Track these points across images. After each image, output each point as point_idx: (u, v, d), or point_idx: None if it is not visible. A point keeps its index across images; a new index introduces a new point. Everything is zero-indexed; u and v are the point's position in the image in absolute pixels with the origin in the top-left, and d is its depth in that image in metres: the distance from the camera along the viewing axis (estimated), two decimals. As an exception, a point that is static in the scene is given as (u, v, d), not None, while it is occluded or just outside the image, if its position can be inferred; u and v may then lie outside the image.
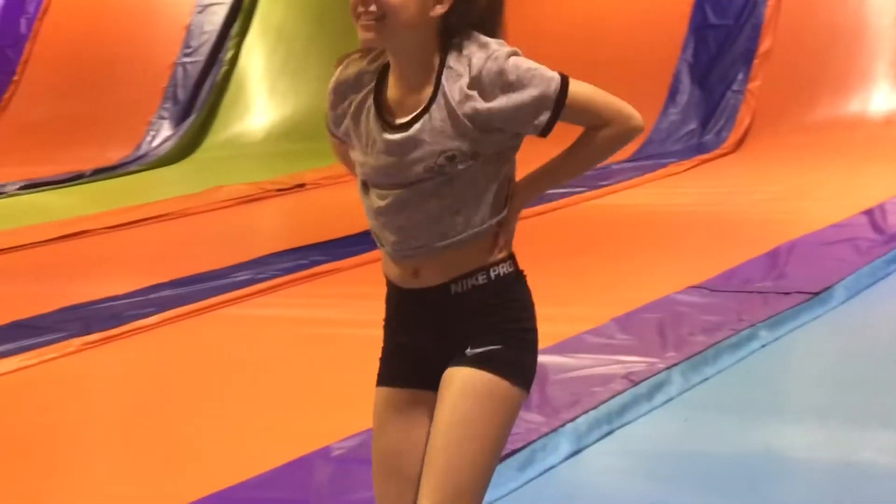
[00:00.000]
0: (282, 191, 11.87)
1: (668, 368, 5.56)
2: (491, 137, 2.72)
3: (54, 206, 11.76)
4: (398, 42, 2.69)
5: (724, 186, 10.58)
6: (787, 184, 10.34)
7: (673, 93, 13.09)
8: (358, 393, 5.54)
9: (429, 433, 2.83)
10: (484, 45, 2.70)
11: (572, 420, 5.01)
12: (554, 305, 6.79)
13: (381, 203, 2.80)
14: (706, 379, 5.63)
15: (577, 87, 2.74)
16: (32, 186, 13.05)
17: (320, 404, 5.58)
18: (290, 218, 10.98)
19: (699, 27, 13.28)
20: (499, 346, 2.82)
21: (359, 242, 8.91)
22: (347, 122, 2.87)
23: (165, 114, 15.01)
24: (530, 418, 5.02)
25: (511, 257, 2.91)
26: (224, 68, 15.24)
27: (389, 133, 2.74)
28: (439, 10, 2.66)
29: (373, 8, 2.62)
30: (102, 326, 6.98)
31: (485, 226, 2.82)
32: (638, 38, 13.38)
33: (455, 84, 2.69)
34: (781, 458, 4.76)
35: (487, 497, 4.38)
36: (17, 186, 13.04)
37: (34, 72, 15.99)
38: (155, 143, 14.69)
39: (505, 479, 4.55)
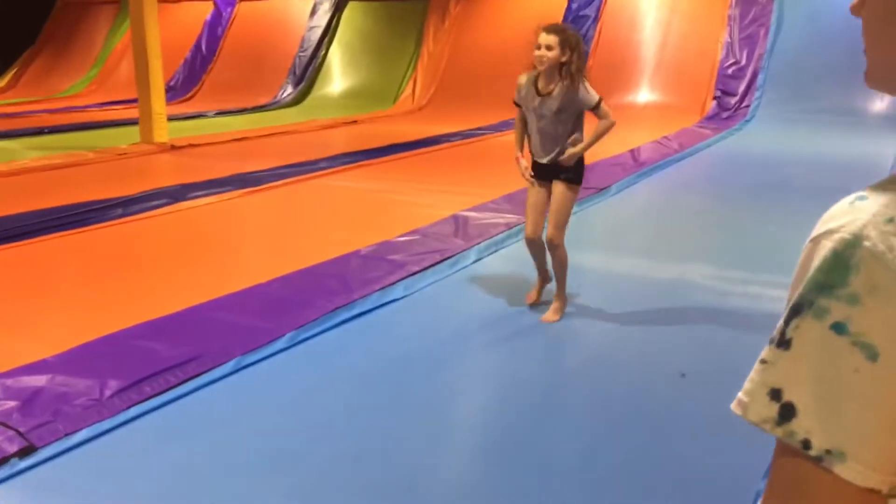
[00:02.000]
0: (346, 123, 11.71)
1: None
2: (575, 108, 3.69)
3: (232, 123, 11.58)
4: (549, 69, 3.66)
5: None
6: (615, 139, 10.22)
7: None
8: (377, 223, 5.63)
9: (545, 198, 3.83)
10: (584, 84, 3.67)
11: (478, 244, 5.03)
12: (473, 187, 6.80)
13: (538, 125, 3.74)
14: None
15: (602, 102, 3.70)
16: (221, 114, 12.84)
17: (357, 227, 5.52)
18: (350, 137, 10.84)
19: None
20: (571, 175, 3.77)
21: (382, 152, 8.88)
22: (522, 97, 3.75)
23: (289, 81, 14.74)
24: (457, 242, 5.03)
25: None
26: (320, 60, 14.96)
27: (541, 98, 3.70)
28: (562, 59, 3.64)
29: (544, 60, 3.62)
30: (253, 185, 6.92)
31: (569, 141, 3.76)
32: (527, 59, 13.12)
33: (568, 92, 3.65)
34: (586, 268, 4.78)
35: (429, 280, 4.38)
36: (213, 113, 12.84)
37: (225, 55, 15.61)
38: (284, 96, 14.46)
39: (441, 271, 4.57)
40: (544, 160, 3.77)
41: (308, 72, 14.78)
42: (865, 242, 0.65)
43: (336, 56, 15.07)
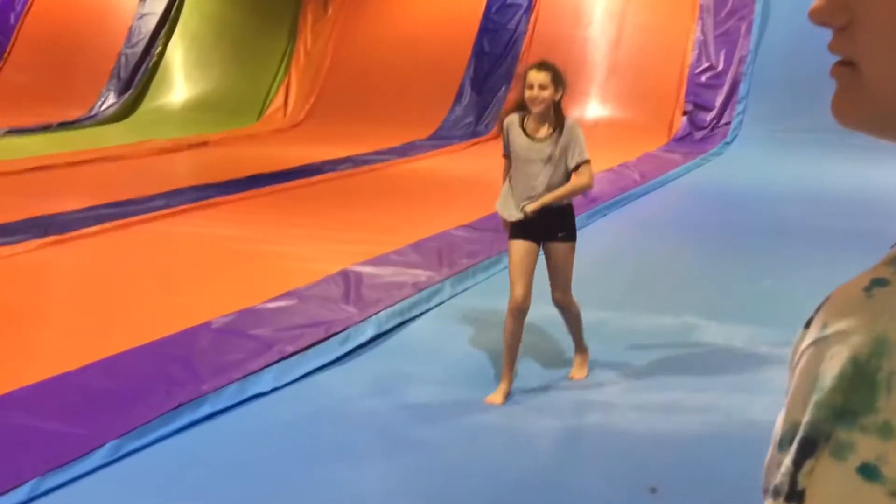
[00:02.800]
0: (193, 145, 11.60)
1: (442, 281, 5.59)
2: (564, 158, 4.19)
3: (28, 146, 11.30)
4: (545, 109, 4.16)
5: (488, 160, 10.56)
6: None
7: (459, 96, 13.17)
8: (231, 285, 5.55)
9: (534, 258, 4.18)
10: (572, 125, 4.26)
11: (376, 313, 5.01)
12: (369, 233, 6.82)
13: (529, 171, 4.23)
14: (467, 289, 5.67)
15: (588, 164, 4.23)
16: (13, 132, 12.53)
17: (209, 290, 5.44)
18: (195, 164, 10.72)
19: (479, 53, 13.37)
20: (567, 233, 4.24)
21: (242, 184, 8.82)
22: (511, 143, 4.29)
23: (111, 87, 14.56)
24: (348, 310, 5.01)
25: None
26: (154, 59, 14.84)
27: (530, 141, 4.21)
28: (556, 97, 4.19)
29: (541, 100, 4.12)
30: (59, 231, 6.75)
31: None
32: (438, 57, 13.39)
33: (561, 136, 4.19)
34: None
35: (310, 365, 4.34)
36: (3, 132, 12.53)
37: (20, 53, 15.31)
38: (103, 108, 14.26)
39: (330, 350, 4.53)
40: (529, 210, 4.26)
41: (139, 75, 14.64)
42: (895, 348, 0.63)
43: (178, 54, 14.99)
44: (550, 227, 4.19)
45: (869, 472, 0.62)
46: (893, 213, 7.63)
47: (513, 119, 4.31)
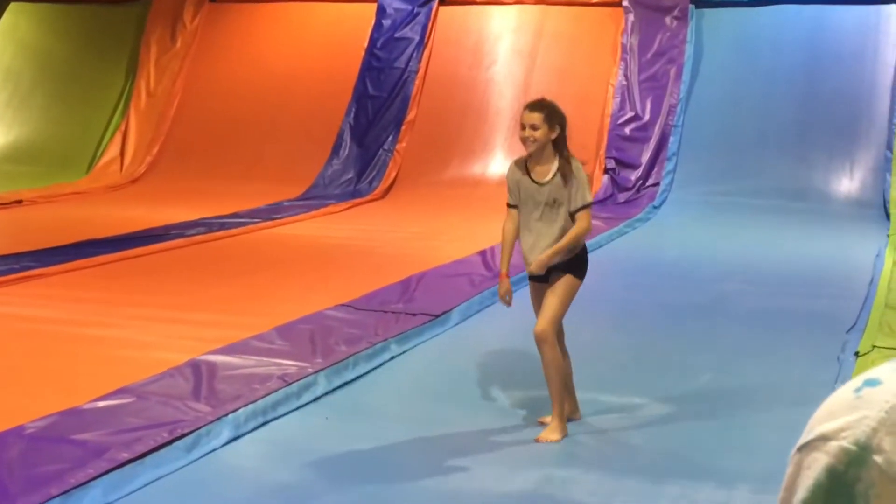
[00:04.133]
0: (2, 204, 11.37)
1: (315, 372, 5.55)
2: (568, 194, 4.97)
3: None
4: (538, 150, 4.95)
5: (372, 226, 10.73)
6: (422, 227, 10.56)
7: (336, 147, 13.21)
8: (49, 379, 5.42)
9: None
10: (576, 167, 5.06)
11: (234, 411, 4.95)
12: (225, 314, 6.76)
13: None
14: (346, 383, 5.64)
15: (589, 209, 5.09)
16: None
17: (21, 385, 5.32)
18: (7, 228, 10.50)
19: (360, 96, 13.44)
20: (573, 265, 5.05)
21: (66, 252, 8.66)
22: (516, 190, 5.06)
23: None
24: (198, 408, 4.95)
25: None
26: (-42, 98, 14.61)
27: (537, 186, 4.99)
28: (552, 136, 4.94)
29: (532, 140, 4.90)
30: None
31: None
32: (312, 101, 13.44)
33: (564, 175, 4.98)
34: (391, 456, 4.79)
35: (150, 477, 4.28)
36: None
37: None
38: None
39: (173, 458, 4.46)
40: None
41: (-64, 116, 14.39)
42: (876, 457, 0.66)
43: (-13, 91, 14.78)
44: (555, 268, 5.00)
45: None
46: (843, 293, 7.86)
47: (512, 167, 5.15)
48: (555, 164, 5.01)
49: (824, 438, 0.69)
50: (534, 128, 4.92)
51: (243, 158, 13.06)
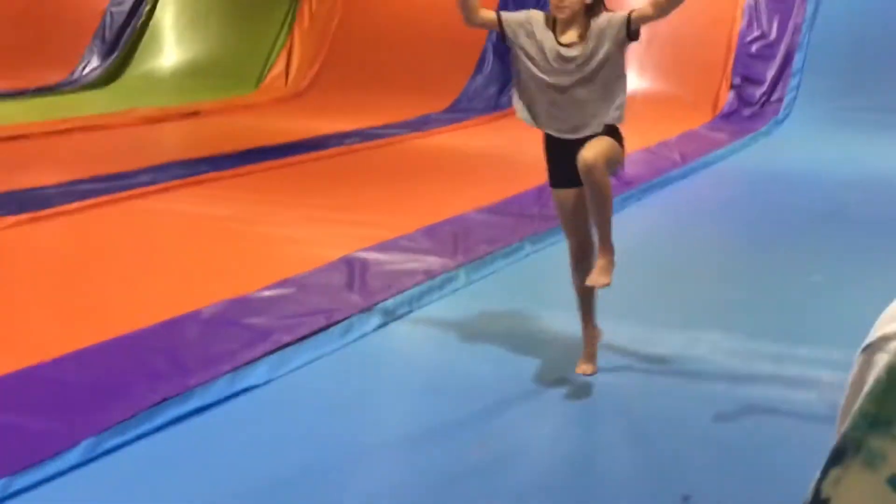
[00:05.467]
0: (183, 115, 11.63)
1: (456, 268, 5.62)
2: (612, 46, 3.91)
3: (1, 113, 11.33)
4: (571, 14, 3.87)
5: (510, 137, 10.63)
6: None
7: (480, 64, 13.13)
8: (222, 270, 5.58)
9: (583, 205, 4.08)
10: (608, 11, 3.92)
11: (383, 301, 5.05)
12: (376, 216, 6.84)
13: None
14: (484, 277, 5.69)
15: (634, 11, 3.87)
16: (-16, 97, 12.62)
17: (198, 275, 5.48)
18: (186, 136, 10.76)
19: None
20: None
21: (237, 158, 8.85)
22: (520, 36, 3.99)
23: (95, 49, 14.57)
24: (351, 298, 5.05)
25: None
26: (143, 19, 14.85)
27: (562, 48, 3.91)
28: (587, 3, 3.87)
29: (566, 6, 3.84)
30: (35, 208, 6.80)
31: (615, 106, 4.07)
32: (458, 20, 13.32)
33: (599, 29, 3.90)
34: (539, 332, 4.83)
35: (308, 357, 4.40)
36: (-28, 96, 12.61)
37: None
38: (85, 72, 14.29)
39: (329, 341, 4.57)
40: (573, 136, 4.03)
41: (125, 36, 14.66)
42: None
43: (169, 13, 15.01)
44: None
45: None
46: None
47: (537, 15, 4.01)
48: (582, 31, 3.91)
49: (886, 339, 0.69)
50: None
51: (395, 75, 13.08)
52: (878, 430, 0.65)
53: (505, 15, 4.03)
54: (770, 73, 12.12)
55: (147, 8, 14.91)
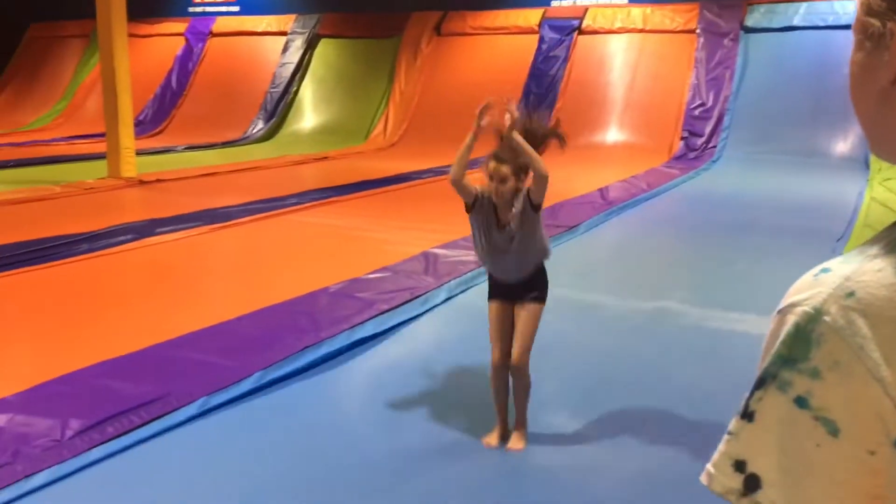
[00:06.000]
0: (317, 159, 11.71)
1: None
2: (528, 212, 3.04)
3: (201, 159, 11.52)
4: (504, 201, 3.04)
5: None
6: (564, 173, 10.35)
7: (512, 124, 13.03)
8: (347, 260, 5.61)
9: (511, 319, 3.11)
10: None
11: (448, 282, 5.04)
12: (443, 225, 6.74)
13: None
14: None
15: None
16: (190, 148, 12.80)
17: (326, 264, 5.49)
18: (319, 173, 10.84)
19: (528, 92, 13.20)
20: (538, 294, 3.11)
21: (353, 188, 8.89)
22: (478, 207, 3.11)
23: (260, 116, 14.72)
24: (427, 279, 5.04)
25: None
26: (291, 96, 14.98)
27: (499, 229, 3.07)
28: (522, 185, 3.07)
29: (501, 193, 3.01)
30: (222, 220, 6.89)
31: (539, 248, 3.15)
32: (498, 96, 13.27)
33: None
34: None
35: (400, 318, 4.37)
36: (183, 147, 12.79)
37: (195, 90, 15.59)
38: (254, 131, 14.44)
39: (413, 309, 4.57)
40: (511, 280, 3.11)
41: (279, 107, 14.78)
42: (825, 317, 0.66)
43: (308, 92, 15.12)
44: (525, 288, 3.09)
45: (801, 402, 0.65)
46: (836, 216, 7.42)
47: (486, 192, 3.10)
48: (519, 203, 3.06)
49: (794, 305, 0.70)
50: (502, 181, 3.03)
51: (457, 131, 12.98)
52: (788, 366, 0.66)
53: (479, 198, 3.12)
54: (708, 129, 11.93)
55: (294, 89, 15.02)
